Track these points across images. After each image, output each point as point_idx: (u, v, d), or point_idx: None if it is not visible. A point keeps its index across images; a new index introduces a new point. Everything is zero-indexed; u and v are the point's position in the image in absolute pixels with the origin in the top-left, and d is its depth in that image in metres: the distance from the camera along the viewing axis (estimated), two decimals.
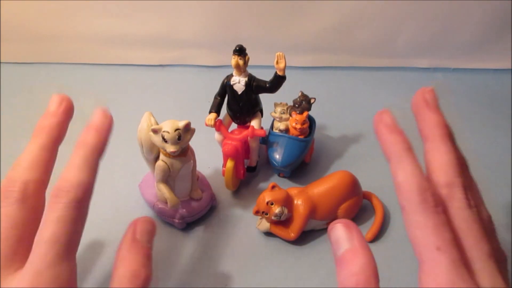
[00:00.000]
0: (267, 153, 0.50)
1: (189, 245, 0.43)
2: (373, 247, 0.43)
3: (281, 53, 0.43)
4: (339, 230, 0.23)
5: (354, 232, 0.23)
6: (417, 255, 0.21)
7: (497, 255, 0.22)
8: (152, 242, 0.27)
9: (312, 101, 0.50)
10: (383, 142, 0.26)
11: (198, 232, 0.44)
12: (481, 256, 0.21)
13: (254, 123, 0.48)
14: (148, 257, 0.25)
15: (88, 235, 0.43)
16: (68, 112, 0.30)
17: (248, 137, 0.47)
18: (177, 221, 0.43)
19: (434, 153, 0.25)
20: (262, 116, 0.50)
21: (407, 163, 0.23)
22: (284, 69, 0.44)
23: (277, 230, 0.42)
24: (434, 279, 0.19)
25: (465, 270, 0.20)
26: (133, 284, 0.23)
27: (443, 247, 0.20)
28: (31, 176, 0.27)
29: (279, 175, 0.52)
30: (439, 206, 0.22)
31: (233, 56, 0.43)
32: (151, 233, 0.27)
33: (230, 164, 0.46)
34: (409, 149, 0.25)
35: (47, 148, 0.28)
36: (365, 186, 0.46)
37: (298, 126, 0.48)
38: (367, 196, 0.47)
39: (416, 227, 0.21)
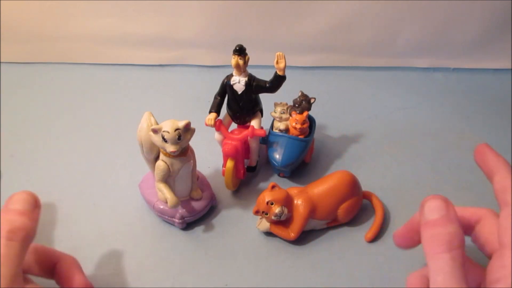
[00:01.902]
0: (267, 153, 0.50)
1: (189, 245, 0.43)
2: (373, 247, 0.43)
3: (281, 53, 0.43)
4: (436, 202, 0.24)
5: (450, 207, 0.23)
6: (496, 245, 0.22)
7: None
8: (32, 207, 0.30)
9: (312, 101, 0.50)
10: (487, 160, 0.30)
11: (198, 232, 0.44)
12: None
13: (254, 123, 0.48)
14: (18, 214, 0.28)
15: (88, 235, 0.43)
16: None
17: (248, 137, 0.47)
18: (177, 221, 0.43)
19: None
20: (262, 116, 0.50)
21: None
22: (284, 69, 0.44)
23: (277, 230, 0.42)
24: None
25: None
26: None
27: None
28: None
29: (279, 175, 0.52)
30: None
31: (233, 56, 0.43)
32: (25, 199, 0.30)
33: (230, 164, 0.46)
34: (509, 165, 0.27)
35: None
36: (365, 186, 0.46)
37: (298, 126, 0.48)
38: (367, 196, 0.47)
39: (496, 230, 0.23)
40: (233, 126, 0.51)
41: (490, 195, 0.49)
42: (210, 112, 0.46)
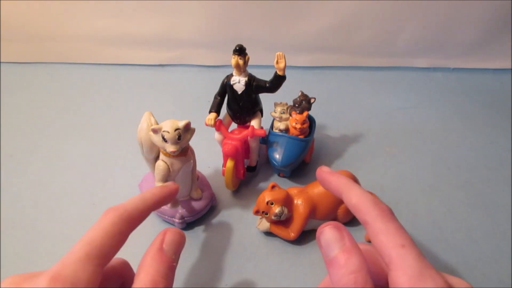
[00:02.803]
0: (267, 153, 0.50)
1: (189, 245, 0.43)
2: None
3: (281, 53, 0.43)
4: (330, 233, 0.24)
5: (345, 233, 0.24)
6: (385, 258, 0.22)
7: None
8: (179, 255, 0.27)
9: (312, 100, 0.50)
10: (331, 183, 0.28)
11: (198, 232, 0.44)
12: None
13: (254, 123, 0.48)
14: (171, 269, 0.25)
15: None
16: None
17: (248, 137, 0.47)
18: (177, 221, 0.43)
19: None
20: (262, 115, 0.50)
21: (355, 188, 0.26)
22: (284, 69, 0.44)
23: (277, 230, 0.42)
24: (405, 272, 0.21)
25: (427, 261, 0.21)
26: None
27: (407, 244, 0.22)
28: None
29: (279, 175, 0.52)
30: (393, 214, 0.24)
31: (233, 56, 0.43)
32: (178, 245, 0.27)
33: (230, 164, 0.46)
34: (352, 180, 0.27)
35: None
36: (365, 186, 0.46)
37: (298, 125, 0.48)
38: None
39: (380, 233, 0.23)
40: (233, 126, 0.51)
41: (490, 195, 0.49)
42: (210, 112, 0.46)
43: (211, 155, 0.51)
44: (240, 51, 0.43)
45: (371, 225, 0.23)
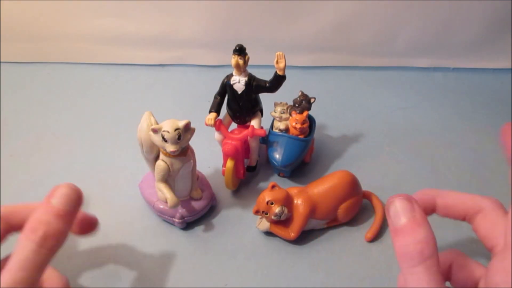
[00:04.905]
0: (267, 153, 0.50)
1: (189, 245, 0.43)
2: (373, 247, 0.43)
3: (281, 53, 0.43)
4: (400, 203, 0.23)
5: (416, 206, 0.23)
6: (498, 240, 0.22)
7: None
8: (71, 207, 0.28)
9: (312, 100, 0.50)
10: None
11: (198, 232, 0.44)
12: None
13: (254, 122, 0.48)
14: (56, 217, 0.26)
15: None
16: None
17: (248, 137, 0.47)
18: (177, 220, 0.43)
19: None
20: (262, 115, 0.50)
21: (444, 191, 0.27)
22: (284, 69, 0.44)
23: (277, 230, 0.42)
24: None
25: None
26: (29, 239, 0.24)
27: None
28: None
29: (279, 175, 0.52)
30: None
31: (233, 56, 0.43)
32: (68, 196, 0.28)
33: (230, 163, 0.46)
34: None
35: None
36: (365, 186, 0.46)
37: (298, 125, 0.48)
38: (367, 196, 0.47)
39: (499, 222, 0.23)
40: (233, 126, 0.51)
41: (490, 195, 0.49)
42: (210, 112, 0.46)
43: (211, 155, 0.51)
44: (240, 51, 0.43)
45: (486, 212, 0.24)
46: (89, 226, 0.33)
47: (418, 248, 0.20)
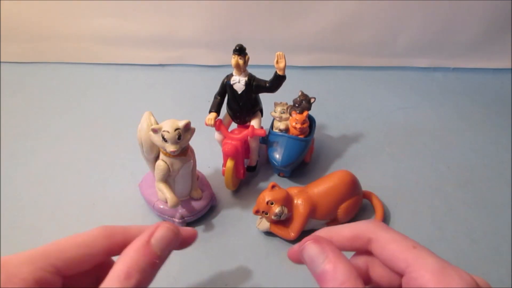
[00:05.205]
0: (267, 153, 0.50)
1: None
2: None
3: (281, 53, 0.43)
4: (311, 249, 0.23)
5: (326, 245, 0.23)
6: (401, 263, 0.21)
7: None
8: (167, 253, 0.25)
9: (312, 100, 0.50)
10: (304, 253, 0.25)
11: (198, 232, 0.44)
12: None
13: (254, 122, 0.48)
14: (152, 265, 0.24)
15: None
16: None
17: (248, 137, 0.47)
18: (177, 220, 0.43)
19: None
20: (262, 115, 0.50)
21: (336, 227, 0.25)
22: (284, 69, 0.44)
23: (277, 230, 0.42)
24: (427, 270, 0.20)
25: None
26: (121, 284, 0.22)
27: (417, 245, 0.22)
28: None
29: (279, 175, 0.52)
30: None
31: (233, 56, 0.43)
32: (169, 242, 0.25)
33: (230, 163, 0.46)
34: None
35: None
36: (365, 186, 0.46)
37: (298, 125, 0.48)
38: (367, 196, 0.47)
39: (388, 243, 0.22)
40: (233, 126, 0.51)
41: (490, 195, 0.49)
42: (210, 112, 0.46)
43: (211, 155, 0.51)
44: (240, 51, 0.43)
45: (376, 239, 0.23)
46: (189, 241, 0.30)
47: None
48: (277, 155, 0.48)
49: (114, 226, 0.26)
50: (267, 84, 0.45)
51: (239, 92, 0.45)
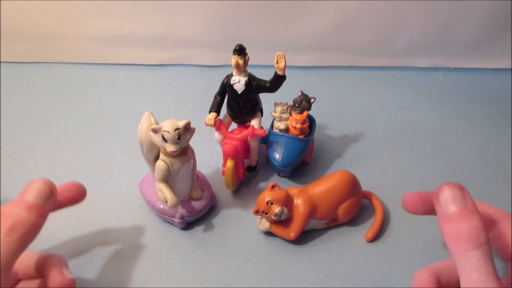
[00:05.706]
0: (267, 153, 0.50)
1: (189, 245, 0.43)
2: (373, 247, 0.43)
3: (281, 53, 0.43)
4: (452, 190, 0.23)
5: (467, 195, 0.23)
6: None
7: None
8: (44, 200, 0.29)
9: (312, 100, 0.50)
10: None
11: (198, 232, 0.44)
12: None
13: (254, 122, 0.48)
14: (26, 209, 0.28)
15: (88, 234, 0.43)
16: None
17: (248, 137, 0.47)
18: (177, 220, 0.43)
19: None
20: (262, 115, 0.50)
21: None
22: (284, 69, 0.44)
23: (277, 230, 0.42)
24: None
25: None
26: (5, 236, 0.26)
27: None
28: None
29: (279, 175, 0.52)
30: None
31: (233, 56, 0.43)
32: (41, 191, 0.30)
33: (230, 163, 0.46)
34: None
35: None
36: (365, 186, 0.46)
37: (298, 125, 0.48)
38: (367, 196, 0.47)
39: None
40: (233, 126, 0.51)
41: (490, 195, 0.49)
42: (210, 111, 0.46)
43: (211, 155, 0.51)
44: (240, 51, 0.43)
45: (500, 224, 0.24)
46: (77, 195, 0.35)
47: (474, 233, 0.20)
48: (277, 155, 0.48)
49: None
50: (267, 84, 0.45)
51: (239, 92, 0.45)
